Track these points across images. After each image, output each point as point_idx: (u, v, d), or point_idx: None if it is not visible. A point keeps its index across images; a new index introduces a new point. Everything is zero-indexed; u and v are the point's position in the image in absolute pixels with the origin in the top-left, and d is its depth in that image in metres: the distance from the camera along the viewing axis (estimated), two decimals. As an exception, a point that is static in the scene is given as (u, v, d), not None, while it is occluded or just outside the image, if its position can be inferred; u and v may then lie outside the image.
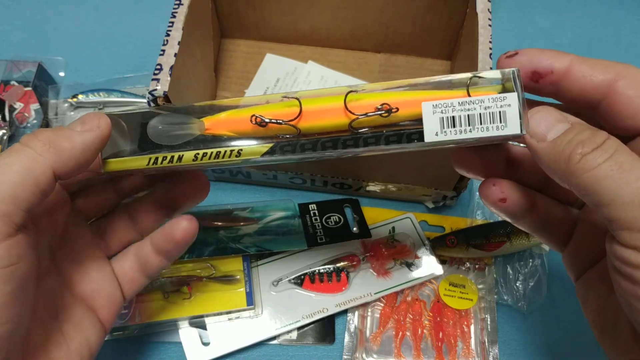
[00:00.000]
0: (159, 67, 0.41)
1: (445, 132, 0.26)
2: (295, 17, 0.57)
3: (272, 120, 0.27)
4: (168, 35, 0.43)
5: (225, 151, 0.28)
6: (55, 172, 0.25)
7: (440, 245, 0.48)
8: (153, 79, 0.41)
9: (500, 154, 0.29)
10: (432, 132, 0.26)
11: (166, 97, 0.41)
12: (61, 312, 0.30)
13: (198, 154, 0.28)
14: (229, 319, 0.45)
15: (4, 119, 0.53)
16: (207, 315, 0.45)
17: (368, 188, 0.51)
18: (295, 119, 0.27)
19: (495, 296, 0.47)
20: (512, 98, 0.25)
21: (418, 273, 0.48)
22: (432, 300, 0.47)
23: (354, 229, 0.49)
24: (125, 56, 0.60)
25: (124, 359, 0.45)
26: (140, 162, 0.28)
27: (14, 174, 0.23)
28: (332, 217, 0.49)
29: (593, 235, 0.29)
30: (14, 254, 0.23)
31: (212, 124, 0.28)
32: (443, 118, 0.26)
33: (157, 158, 0.28)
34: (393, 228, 0.50)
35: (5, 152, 0.25)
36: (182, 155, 0.28)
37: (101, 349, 0.42)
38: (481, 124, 0.25)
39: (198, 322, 0.45)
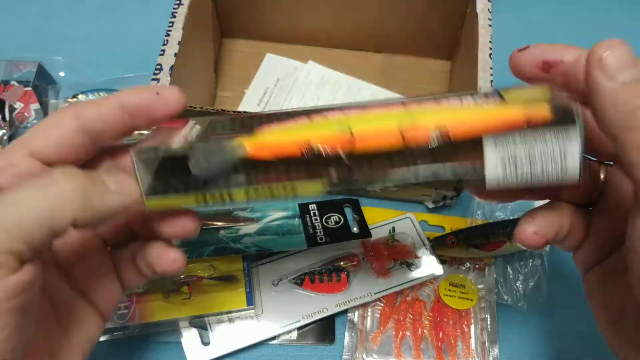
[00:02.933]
0: (159, 67, 0.41)
1: (506, 178, 0.23)
2: (295, 17, 0.57)
3: (325, 154, 0.24)
4: (168, 35, 0.43)
5: (278, 188, 0.25)
6: (74, 223, 0.23)
7: (440, 245, 0.48)
8: (153, 79, 0.41)
9: None
10: (494, 180, 0.23)
11: (166, 97, 0.41)
12: (61, 306, 0.29)
13: (249, 191, 0.25)
14: (229, 319, 0.45)
15: (4, 119, 0.53)
16: (207, 315, 0.45)
17: (368, 188, 0.51)
18: (348, 149, 0.25)
19: (495, 296, 0.47)
20: (574, 133, 0.22)
21: (418, 273, 0.48)
22: (432, 300, 0.47)
23: (354, 229, 0.49)
24: (125, 56, 0.60)
25: (124, 359, 0.45)
26: (186, 201, 0.25)
27: (38, 213, 0.22)
28: (332, 217, 0.49)
29: (606, 234, 0.29)
30: (21, 286, 0.23)
31: (254, 148, 0.25)
32: (504, 157, 0.23)
33: (204, 196, 0.25)
34: (393, 228, 0.50)
35: (32, 184, 0.23)
36: (232, 192, 0.25)
37: (101, 349, 0.43)
38: (542, 164, 0.23)
39: (198, 322, 0.45)
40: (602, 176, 0.29)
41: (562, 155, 0.23)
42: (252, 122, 0.26)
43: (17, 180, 0.25)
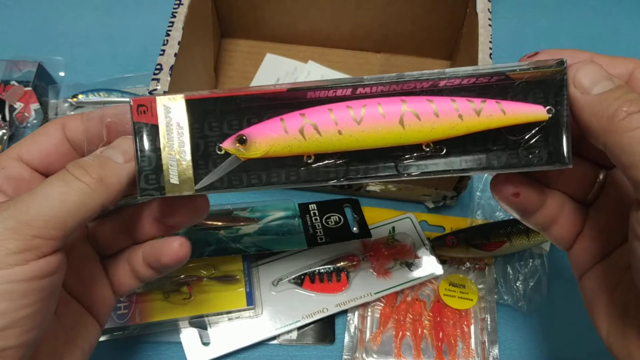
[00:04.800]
0: (159, 67, 0.41)
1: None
2: (295, 17, 0.57)
3: (322, 165, 0.26)
4: (168, 35, 0.43)
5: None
6: (103, 207, 0.27)
7: (440, 245, 0.48)
8: (153, 79, 0.41)
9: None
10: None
11: (166, 97, 0.41)
12: (61, 313, 0.30)
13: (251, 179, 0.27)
14: (229, 319, 0.45)
15: (4, 118, 0.53)
16: (207, 315, 0.45)
17: (368, 188, 0.51)
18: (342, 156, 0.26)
19: (495, 296, 0.47)
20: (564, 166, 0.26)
21: (418, 273, 0.48)
22: (432, 300, 0.47)
23: (354, 229, 0.49)
24: (125, 56, 0.60)
25: (124, 359, 0.45)
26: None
27: (69, 206, 0.25)
28: (332, 217, 0.49)
29: (604, 231, 0.29)
30: (48, 269, 0.25)
31: (250, 158, 0.26)
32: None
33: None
34: (393, 228, 0.50)
35: (58, 180, 0.26)
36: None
37: (101, 349, 0.43)
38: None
39: (198, 322, 0.45)
40: (600, 177, 0.29)
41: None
42: (239, 113, 0.27)
43: (5, 181, 0.28)
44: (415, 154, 0.26)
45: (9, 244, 0.24)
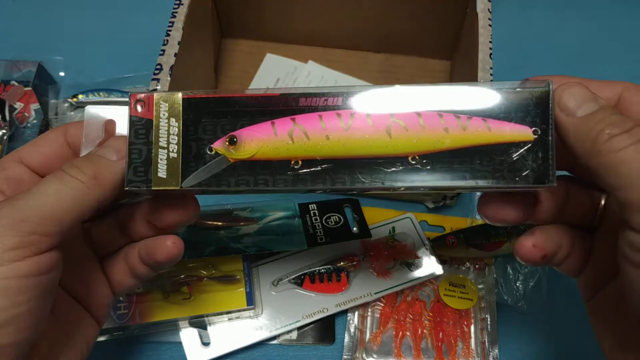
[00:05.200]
0: (159, 67, 0.41)
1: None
2: (295, 17, 0.57)
3: (309, 172, 0.27)
4: (168, 35, 0.43)
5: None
6: (99, 204, 0.27)
7: (440, 245, 0.48)
8: (153, 79, 0.41)
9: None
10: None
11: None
12: (60, 312, 0.30)
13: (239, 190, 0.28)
14: (229, 319, 0.45)
15: (4, 118, 0.53)
16: (207, 315, 0.45)
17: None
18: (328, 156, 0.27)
19: (495, 296, 0.47)
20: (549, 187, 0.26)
21: (418, 273, 0.48)
22: (432, 300, 0.47)
23: (354, 229, 0.49)
24: (125, 56, 0.60)
25: (124, 359, 0.45)
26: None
27: (64, 202, 0.26)
28: (332, 217, 0.49)
29: (607, 257, 0.29)
30: (45, 266, 0.25)
31: (238, 161, 0.27)
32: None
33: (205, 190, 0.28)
34: (393, 228, 0.50)
35: (54, 179, 0.26)
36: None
37: (101, 349, 0.43)
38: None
39: (198, 322, 0.45)
40: (602, 202, 0.30)
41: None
42: (231, 115, 0.27)
43: (7, 182, 0.29)
44: (401, 167, 0.26)
45: (6, 241, 0.24)
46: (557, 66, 0.61)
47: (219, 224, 0.48)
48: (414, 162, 0.26)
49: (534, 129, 0.26)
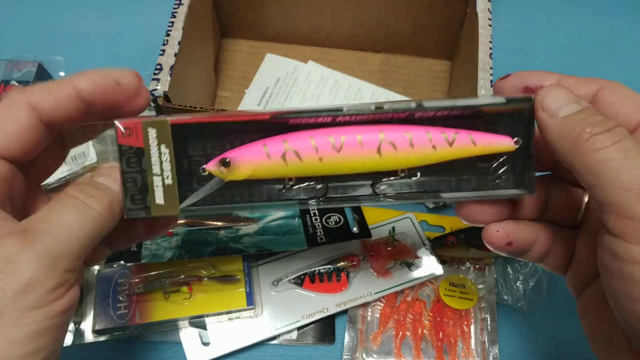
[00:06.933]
0: (159, 67, 0.41)
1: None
2: (295, 17, 0.57)
3: (302, 187, 0.28)
4: (168, 35, 0.43)
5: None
6: (107, 232, 0.27)
7: (440, 245, 0.48)
8: (153, 79, 0.41)
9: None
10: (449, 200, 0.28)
11: (166, 97, 0.41)
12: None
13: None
14: (229, 319, 0.45)
15: (4, 119, 0.53)
16: (207, 315, 0.45)
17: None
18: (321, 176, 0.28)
19: (495, 296, 0.47)
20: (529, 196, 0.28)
21: (418, 273, 0.48)
22: (432, 300, 0.47)
23: (354, 229, 0.49)
24: (125, 56, 0.60)
25: (124, 359, 0.45)
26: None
27: (88, 235, 0.26)
28: (332, 217, 0.49)
29: (591, 255, 0.29)
30: (75, 299, 0.25)
31: (233, 180, 0.28)
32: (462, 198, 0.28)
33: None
34: (393, 228, 0.50)
35: (74, 209, 0.25)
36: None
37: (101, 349, 0.43)
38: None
39: (198, 322, 0.45)
40: (584, 201, 0.30)
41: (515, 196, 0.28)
42: (221, 136, 0.27)
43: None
44: (391, 178, 0.28)
45: (49, 283, 0.24)
46: (557, 66, 0.61)
47: (219, 224, 0.48)
48: (402, 175, 0.28)
49: (515, 139, 0.27)
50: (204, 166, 0.27)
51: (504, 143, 0.27)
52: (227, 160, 0.27)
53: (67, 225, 0.25)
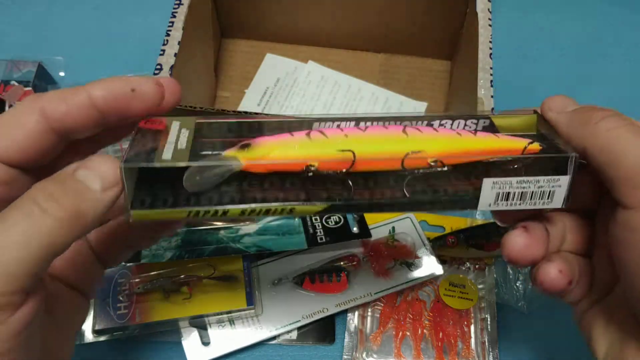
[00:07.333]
0: (159, 67, 0.41)
1: (497, 204, 0.27)
2: (295, 17, 0.57)
3: (325, 173, 0.25)
4: (168, 35, 0.43)
5: (277, 209, 0.25)
6: (73, 239, 0.22)
7: (440, 245, 0.48)
8: (153, 79, 0.41)
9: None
10: (486, 204, 0.27)
11: (166, 97, 0.41)
12: (48, 299, 0.27)
13: (245, 210, 0.24)
14: (229, 319, 0.45)
15: (4, 119, 0.53)
16: (207, 315, 0.45)
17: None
18: (348, 168, 0.25)
19: (495, 296, 0.47)
20: (565, 181, 0.26)
21: (418, 273, 0.48)
22: (432, 300, 0.47)
23: (354, 229, 0.49)
24: (125, 56, 0.60)
25: (124, 359, 0.45)
26: (177, 214, 0.24)
27: (36, 249, 0.21)
28: (332, 217, 0.49)
29: (606, 274, 0.29)
30: (28, 317, 0.22)
31: (251, 166, 0.25)
32: (499, 193, 0.26)
33: (198, 212, 0.24)
34: (393, 228, 0.50)
35: (20, 214, 0.21)
36: (228, 210, 0.24)
37: (101, 349, 0.43)
38: (531, 199, 0.26)
39: (198, 322, 0.45)
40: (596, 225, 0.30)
41: (551, 195, 0.26)
42: (246, 130, 0.27)
43: None
44: (421, 171, 0.26)
45: None
46: (557, 66, 0.61)
47: (219, 224, 0.48)
48: (433, 164, 0.26)
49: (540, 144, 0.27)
50: (223, 152, 0.25)
51: (525, 140, 0.27)
52: (249, 143, 0.25)
53: (5, 239, 0.20)
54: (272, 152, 0.25)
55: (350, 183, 0.25)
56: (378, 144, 0.26)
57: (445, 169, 0.26)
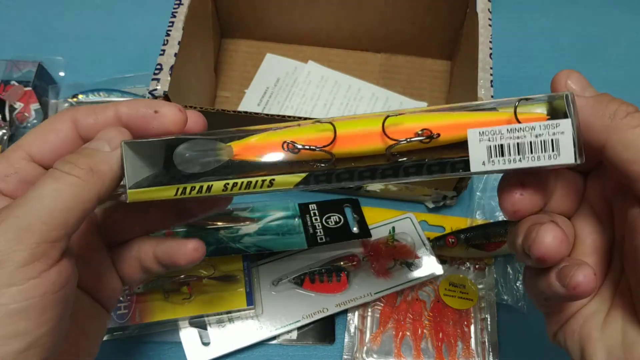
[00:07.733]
0: (159, 67, 0.41)
1: (493, 161, 0.24)
2: (295, 17, 0.57)
3: (305, 147, 0.25)
4: (168, 35, 0.43)
5: (257, 181, 0.26)
6: (100, 198, 0.25)
7: (440, 245, 0.48)
8: (153, 79, 0.41)
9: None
10: (479, 162, 0.24)
11: (166, 97, 0.41)
12: (75, 309, 0.30)
13: (228, 184, 0.26)
14: (229, 319, 0.45)
15: (4, 118, 0.53)
16: (207, 315, 0.45)
17: (368, 188, 0.51)
18: (329, 144, 0.25)
19: (495, 296, 0.47)
20: (566, 125, 0.24)
21: (418, 273, 0.48)
22: (432, 300, 0.47)
23: (354, 229, 0.49)
24: (125, 56, 0.60)
25: (124, 359, 0.45)
26: (167, 192, 0.26)
27: (65, 202, 0.24)
28: (332, 217, 0.49)
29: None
30: (63, 278, 0.24)
31: (241, 149, 0.26)
32: (490, 146, 0.24)
33: (185, 188, 0.26)
34: (393, 228, 0.50)
35: (49, 179, 0.24)
36: (212, 185, 0.26)
37: (101, 349, 0.43)
38: (532, 152, 0.24)
39: (198, 322, 0.45)
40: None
41: (555, 145, 0.24)
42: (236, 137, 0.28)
43: (20, 186, 0.27)
44: (407, 139, 0.25)
45: (16, 257, 0.22)
46: (557, 66, 0.61)
47: (219, 224, 0.48)
48: (420, 133, 0.25)
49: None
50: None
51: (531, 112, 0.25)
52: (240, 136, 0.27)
53: (38, 196, 0.23)
54: (262, 139, 0.27)
55: (332, 156, 0.26)
56: (358, 120, 0.26)
57: (435, 136, 0.25)
